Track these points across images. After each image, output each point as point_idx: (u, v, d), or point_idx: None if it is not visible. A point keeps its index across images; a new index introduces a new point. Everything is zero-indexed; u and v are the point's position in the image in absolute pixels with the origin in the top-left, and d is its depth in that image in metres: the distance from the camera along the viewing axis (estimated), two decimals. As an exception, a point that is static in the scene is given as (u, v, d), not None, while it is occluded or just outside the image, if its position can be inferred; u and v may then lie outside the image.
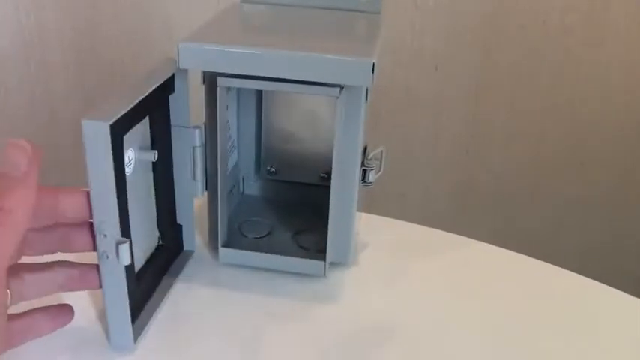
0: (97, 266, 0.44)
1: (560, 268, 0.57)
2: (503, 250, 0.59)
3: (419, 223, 0.62)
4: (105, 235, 0.42)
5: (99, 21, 1.06)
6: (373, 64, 0.44)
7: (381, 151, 0.54)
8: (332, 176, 0.49)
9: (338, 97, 0.47)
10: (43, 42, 1.07)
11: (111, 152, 0.40)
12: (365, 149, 0.54)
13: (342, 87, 0.47)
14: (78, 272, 0.44)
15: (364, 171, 0.52)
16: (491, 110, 1.07)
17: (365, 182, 0.52)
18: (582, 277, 0.56)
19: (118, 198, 0.41)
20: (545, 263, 0.58)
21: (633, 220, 1.12)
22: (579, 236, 1.14)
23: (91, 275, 0.44)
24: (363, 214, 0.61)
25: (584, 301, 0.54)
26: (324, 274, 0.52)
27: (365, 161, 0.52)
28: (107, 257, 0.42)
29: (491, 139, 1.09)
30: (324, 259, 0.52)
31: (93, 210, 0.41)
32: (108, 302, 0.44)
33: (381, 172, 0.54)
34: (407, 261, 0.57)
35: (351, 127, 0.49)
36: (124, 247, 0.42)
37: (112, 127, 0.39)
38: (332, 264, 0.54)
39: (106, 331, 0.46)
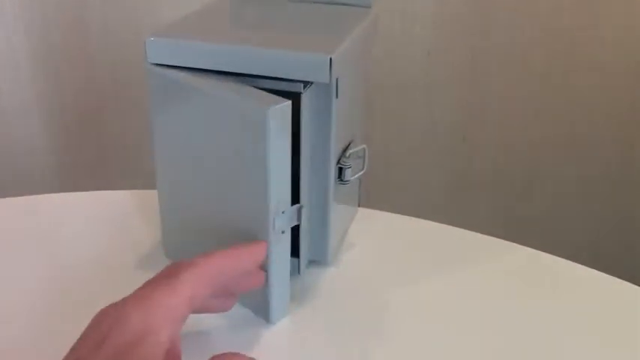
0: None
1: (559, 258, 0.56)
2: (501, 240, 0.58)
3: (415, 212, 0.61)
4: (283, 212, 0.44)
5: (89, 23, 1.05)
6: (331, 60, 0.43)
7: (364, 149, 0.53)
8: (300, 173, 0.49)
9: (302, 93, 0.46)
10: (32, 45, 1.05)
11: (290, 131, 0.42)
12: (348, 145, 0.52)
13: (307, 83, 0.46)
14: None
15: (340, 169, 0.51)
16: (486, 95, 1.05)
17: (341, 180, 0.51)
18: (584, 266, 0.55)
19: None
20: (543, 253, 0.57)
21: (635, 204, 1.09)
22: (579, 224, 1.12)
23: (256, 274, 0.45)
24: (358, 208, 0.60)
25: (584, 292, 0.53)
26: (299, 272, 0.52)
27: (342, 159, 0.51)
28: (283, 233, 0.44)
29: (487, 124, 1.08)
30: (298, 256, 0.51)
31: (270, 194, 0.42)
32: (275, 278, 0.46)
33: (364, 170, 0.53)
34: (395, 259, 0.56)
35: (321, 123, 0.48)
36: (305, 211, 0.45)
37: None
38: (313, 262, 0.54)
39: (257, 309, 0.48)
